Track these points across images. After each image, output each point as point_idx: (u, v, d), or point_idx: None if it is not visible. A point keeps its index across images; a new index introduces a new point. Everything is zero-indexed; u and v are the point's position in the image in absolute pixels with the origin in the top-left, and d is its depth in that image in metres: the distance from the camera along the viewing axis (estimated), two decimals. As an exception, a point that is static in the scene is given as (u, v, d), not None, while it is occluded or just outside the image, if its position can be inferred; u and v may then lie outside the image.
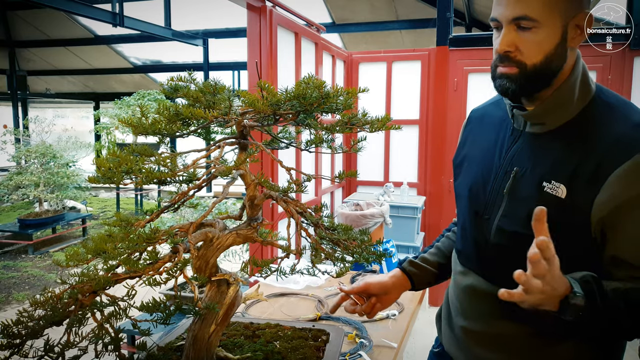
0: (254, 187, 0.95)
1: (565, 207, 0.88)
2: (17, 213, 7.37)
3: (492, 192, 1.00)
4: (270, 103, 0.87)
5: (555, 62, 0.89)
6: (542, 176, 0.92)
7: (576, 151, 0.89)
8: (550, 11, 0.87)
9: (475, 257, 1.05)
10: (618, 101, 0.94)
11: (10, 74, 9.74)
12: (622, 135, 0.86)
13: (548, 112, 0.93)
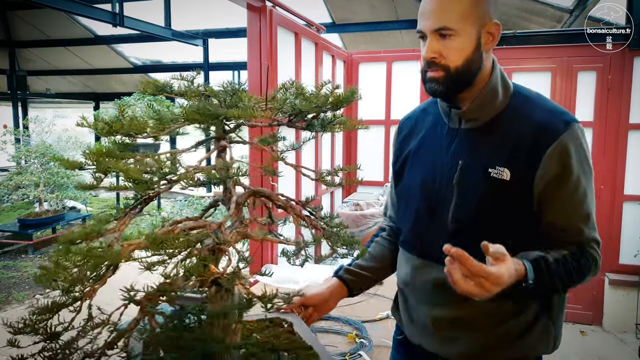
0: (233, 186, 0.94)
1: (511, 188, 1.03)
2: (17, 213, 7.37)
3: (442, 186, 1.11)
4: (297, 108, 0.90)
5: (474, 64, 1.04)
6: (485, 164, 1.05)
7: (509, 138, 1.05)
8: (464, 22, 1.01)
9: (436, 249, 1.08)
10: (531, 93, 1.11)
11: (10, 74, 9.73)
12: (543, 120, 1.04)
13: (480, 108, 1.07)
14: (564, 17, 4.96)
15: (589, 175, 1.07)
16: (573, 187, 1.03)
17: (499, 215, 1.05)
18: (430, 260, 1.14)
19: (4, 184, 6.04)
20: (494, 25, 1.04)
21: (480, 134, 1.08)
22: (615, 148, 3.68)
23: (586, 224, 1.06)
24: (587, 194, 1.06)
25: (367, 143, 4.42)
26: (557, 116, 1.04)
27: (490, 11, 1.04)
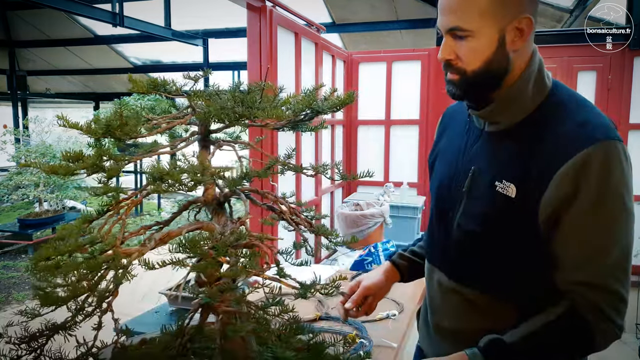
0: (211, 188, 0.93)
1: (515, 207, 0.90)
2: (17, 213, 7.37)
3: (455, 190, 1.03)
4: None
5: (495, 66, 0.91)
6: (494, 175, 0.94)
7: (528, 150, 0.91)
8: (482, 21, 0.89)
9: (439, 255, 1.09)
10: (570, 98, 0.95)
11: (10, 74, 9.72)
12: (567, 134, 0.87)
13: (499, 110, 0.95)
14: (564, 17, 4.96)
15: (618, 209, 0.86)
16: (583, 214, 0.86)
17: (502, 233, 0.95)
18: (434, 265, 1.12)
19: (4, 184, 6.04)
20: (524, 20, 0.89)
21: (501, 140, 0.96)
22: (615, 148, 3.69)
23: (595, 267, 0.86)
24: (608, 231, 0.86)
25: (367, 143, 4.42)
26: (586, 130, 0.86)
27: (521, 3, 0.89)
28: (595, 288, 0.87)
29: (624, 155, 0.86)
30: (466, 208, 1.00)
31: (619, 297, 0.87)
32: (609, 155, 0.84)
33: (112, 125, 0.77)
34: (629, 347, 3.45)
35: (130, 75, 0.92)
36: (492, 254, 0.97)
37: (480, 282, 1.00)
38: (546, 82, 0.96)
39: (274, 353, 0.83)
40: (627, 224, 0.87)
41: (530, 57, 0.95)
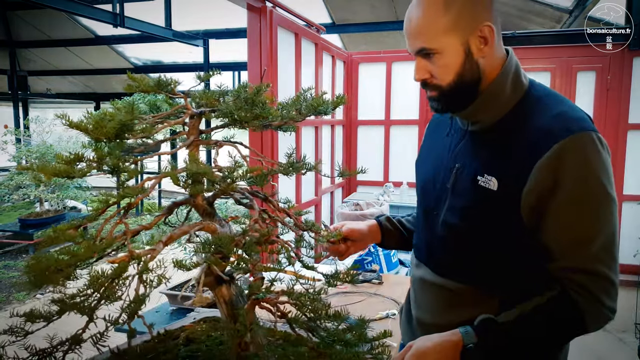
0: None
1: (497, 199, 0.93)
2: (18, 213, 7.38)
3: (440, 188, 1.07)
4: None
5: (468, 76, 0.96)
6: (476, 170, 0.98)
7: (508, 145, 0.95)
8: (445, 38, 0.94)
9: (425, 250, 1.12)
10: (546, 94, 0.99)
11: (11, 74, 9.73)
12: (543, 127, 0.91)
13: (479, 110, 0.99)
14: (564, 18, 4.96)
15: (598, 196, 0.89)
16: (565, 204, 0.89)
17: (486, 226, 0.97)
18: (420, 261, 1.15)
19: (5, 184, 6.05)
20: (485, 28, 0.94)
21: (483, 138, 1.01)
22: (614, 148, 3.69)
23: (581, 253, 0.90)
24: (591, 218, 0.89)
25: (367, 143, 4.43)
26: (561, 122, 0.90)
27: (478, 14, 0.94)
28: (582, 272, 0.90)
29: (600, 145, 0.89)
30: (451, 204, 1.03)
31: (607, 279, 0.90)
32: (585, 146, 0.88)
33: (126, 124, 0.77)
34: (629, 347, 3.45)
35: (130, 74, 0.93)
36: (477, 247, 1.00)
37: (465, 275, 1.02)
38: (523, 81, 1.00)
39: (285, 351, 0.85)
40: (609, 209, 0.90)
41: (505, 59, 1.00)
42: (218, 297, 0.97)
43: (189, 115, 0.95)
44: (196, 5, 7.43)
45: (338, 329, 0.90)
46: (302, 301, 0.88)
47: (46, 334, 0.77)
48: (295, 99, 1.01)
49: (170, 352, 1.00)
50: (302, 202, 3.28)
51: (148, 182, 0.85)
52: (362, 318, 0.96)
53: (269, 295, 0.88)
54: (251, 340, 0.89)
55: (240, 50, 8.30)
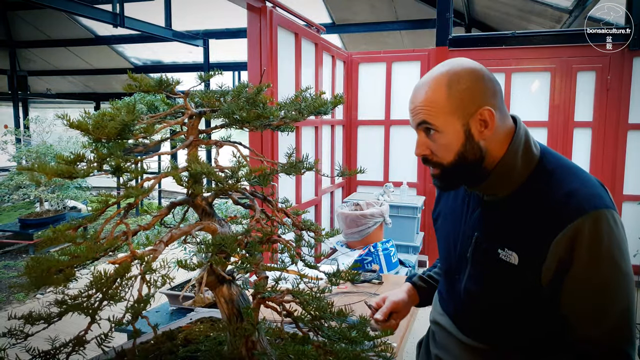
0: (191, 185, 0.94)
1: (519, 273, 0.95)
2: (18, 213, 7.38)
3: (459, 255, 1.09)
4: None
5: (470, 156, 0.98)
6: (496, 243, 0.99)
7: (523, 219, 0.97)
8: (445, 118, 0.96)
9: (450, 307, 1.16)
10: (558, 165, 1.00)
11: (11, 74, 9.73)
12: (557, 205, 0.93)
13: (492, 185, 1.01)
14: (564, 18, 4.96)
15: (612, 272, 0.91)
16: (579, 281, 0.91)
17: (509, 298, 0.99)
18: (445, 312, 1.18)
19: (5, 184, 6.05)
20: (485, 112, 0.96)
21: (498, 208, 1.02)
22: (614, 148, 3.69)
23: (595, 329, 0.91)
24: (604, 293, 0.91)
25: (367, 143, 4.43)
26: (575, 201, 0.91)
27: (479, 98, 0.96)
28: (598, 345, 0.91)
29: (613, 222, 0.92)
30: (472, 273, 1.05)
31: (624, 354, 0.91)
32: (597, 225, 0.90)
33: (127, 124, 0.77)
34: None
35: (130, 73, 0.93)
36: (499, 313, 1.02)
37: (487, 337, 1.05)
38: (534, 152, 1.01)
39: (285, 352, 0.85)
40: (624, 285, 0.92)
41: (513, 133, 1.01)
42: (218, 297, 0.97)
43: (189, 115, 0.95)
44: (196, 5, 7.44)
45: (342, 327, 0.90)
46: (307, 299, 0.88)
47: (48, 335, 0.77)
48: (294, 98, 1.01)
49: (169, 353, 1.00)
50: (302, 202, 3.28)
51: (147, 182, 0.85)
52: (364, 317, 0.97)
53: (274, 294, 0.88)
54: (257, 339, 0.89)
55: (240, 50, 8.30)
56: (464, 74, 0.97)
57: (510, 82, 3.89)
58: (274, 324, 1.14)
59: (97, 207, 0.81)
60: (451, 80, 0.97)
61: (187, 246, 2.13)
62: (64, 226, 0.79)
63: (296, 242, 1.01)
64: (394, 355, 0.93)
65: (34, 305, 4.68)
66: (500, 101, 0.99)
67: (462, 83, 0.96)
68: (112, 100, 1.16)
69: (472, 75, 0.97)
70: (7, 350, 0.71)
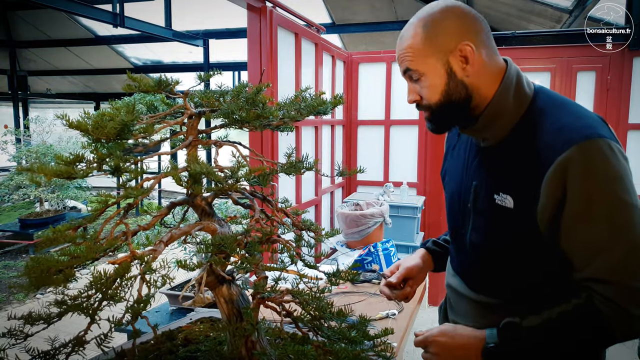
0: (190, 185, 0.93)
1: (515, 217, 0.94)
2: (18, 213, 7.38)
3: (463, 207, 1.09)
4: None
5: (455, 95, 0.98)
6: (492, 189, 0.99)
7: (516, 161, 0.95)
8: (424, 60, 0.97)
9: (458, 264, 1.16)
10: (550, 103, 0.97)
11: (11, 74, 9.73)
12: (547, 141, 0.90)
13: (484, 128, 1.00)
14: (564, 18, 4.96)
15: (611, 204, 0.86)
16: (576, 216, 0.87)
17: (511, 244, 0.98)
18: (455, 272, 1.18)
19: (5, 184, 6.05)
20: (466, 48, 0.95)
21: (494, 154, 1.01)
22: (614, 148, 3.69)
23: (600, 263, 0.87)
24: (604, 227, 0.86)
25: (367, 143, 4.43)
26: (564, 134, 0.88)
27: (456, 35, 0.95)
28: (605, 282, 0.87)
29: (609, 151, 0.86)
30: (474, 223, 1.04)
31: (632, 288, 0.86)
32: (589, 154, 0.85)
33: (127, 124, 0.77)
34: (628, 347, 3.46)
35: (130, 74, 0.93)
36: (504, 264, 1.01)
37: (496, 290, 1.04)
38: (526, 91, 0.99)
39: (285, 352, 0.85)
40: (629, 217, 0.86)
41: (504, 72, 0.99)
42: (218, 297, 0.97)
43: (188, 115, 0.95)
44: (196, 5, 7.44)
45: (342, 327, 0.90)
46: (307, 299, 0.88)
47: (48, 335, 0.77)
48: (294, 98, 1.01)
49: (169, 353, 1.00)
50: (302, 202, 3.28)
51: (147, 182, 0.85)
52: (364, 317, 0.97)
53: (274, 294, 0.89)
54: (257, 339, 0.89)
55: (240, 50, 8.30)
56: (439, 12, 0.97)
57: (510, 82, 3.90)
58: (274, 324, 1.14)
59: (96, 207, 0.81)
60: (426, 21, 0.97)
61: (187, 246, 2.13)
62: (63, 226, 0.78)
63: (296, 242, 1.01)
64: (393, 355, 0.93)
65: (34, 305, 4.68)
66: (486, 38, 0.98)
67: (437, 22, 0.96)
68: (111, 100, 1.16)
69: (447, 12, 0.97)
70: (7, 350, 0.71)
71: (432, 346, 1.01)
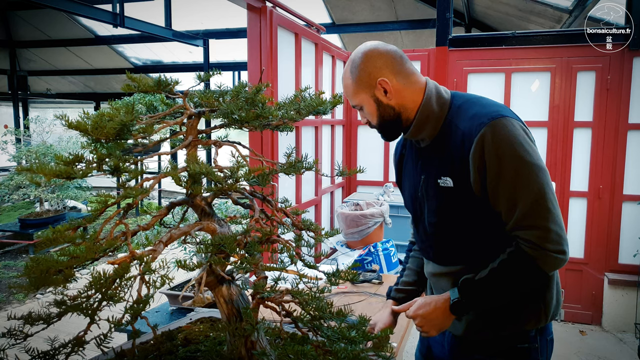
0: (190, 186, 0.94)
1: (457, 193, 1.19)
2: (18, 213, 7.38)
3: (419, 197, 1.33)
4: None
5: (387, 116, 1.25)
6: (435, 176, 1.24)
7: (447, 150, 1.20)
8: (357, 97, 1.26)
9: (426, 249, 1.38)
10: (463, 101, 1.24)
11: (11, 74, 9.74)
12: (465, 129, 1.16)
13: (418, 131, 1.26)
14: (564, 18, 4.96)
15: (517, 165, 1.10)
16: (495, 177, 1.11)
17: (460, 216, 1.22)
18: (427, 258, 1.40)
19: (5, 184, 6.05)
20: (382, 82, 1.21)
21: (432, 150, 1.26)
22: (614, 148, 3.68)
23: (517, 213, 1.11)
24: (516, 184, 1.10)
25: (367, 143, 4.43)
26: (476, 120, 1.15)
27: (372, 75, 1.21)
28: (522, 228, 1.12)
29: (511, 125, 1.12)
30: (429, 207, 1.29)
31: (544, 228, 1.10)
32: (496, 129, 1.11)
33: (126, 124, 0.77)
34: (629, 347, 3.46)
35: (129, 74, 0.93)
36: (459, 234, 1.24)
37: (459, 258, 1.27)
38: (444, 97, 1.26)
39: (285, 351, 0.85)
40: (532, 172, 1.10)
41: (424, 88, 1.25)
42: (218, 297, 0.97)
43: (188, 115, 0.95)
44: (196, 5, 7.44)
45: (342, 327, 0.91)
46: (306, 299, 0.88)
47: (47, 335, 0.77)
48: (293, 98, 1.01)
49: (168, 353, 1.00)
50: (302, 202, 3.28)
51: (147, 182, 0.85)
52: (363, 317, 0.98)
53: (273, 294, 0.88)
54: (257, 339, 0.89)
55: (240, 50, 8.30)
56: (358, 59, 1.23)
57: (510, 82, 3.89)
58: (274, 324, 1.14)
59: (96, 207, 0.81)
60: (352, 67, 1.25)
61: (186, 246, 2.13)
62: (63, 226, 0.78)
63: (296, 242, 1.01)
64: (393, 355, 0.93)
65: (34, 305, 4.68)
66: (400, 67, 1.23)
67: (358, 67, 1.23)
68: (111, 100, 1.16)
69: (365, 57, 1.23)
70: (6, 350, 0.71)
71: (416, 319, 1.26)
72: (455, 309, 1.20)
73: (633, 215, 3.70)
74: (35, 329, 0.73)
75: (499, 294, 1.18)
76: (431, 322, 1.24)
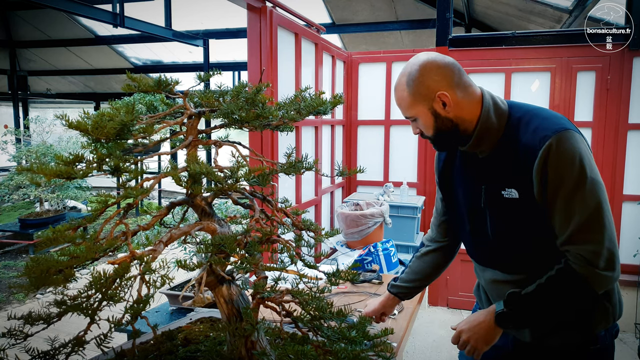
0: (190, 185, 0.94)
1: (523, 205, 1.20)
2: (17, 213, 7.38)
3: (475, 208, 1.33)
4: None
5: (444, 128, 1.25)
6: (499, 187, 1.24)
7: (510, 162, 1.21)
8: (414, 110, 1.25)
9: (487, 257, 1.38)
10: (523, 113, 1.24)
11: (11, 74, 9.74)
12: (528, 142, 1.18)
13: (479, 143, 1.26)
14: (564, 18, 4.96)
15: (579, 180, 1.11)
16: (555, 191, 1.13)
17: (526, 226, 1.22)
18: (486, 266, 1.40)
19: (5, 184, 6.05)
20: (442, 96, 1.21)
21: (492, 161, 1.26)
22: (614, 148, 3.68)
23: (569, 229, 1.12)
24: (574, 199, 1.11)
25: (367, 143, 4.43)
26: (539, 134, 1.16)
27: (433, 86, 1.21)
28: (576, 243, 1.12)
29: (573, 139, 1.13)
30: (492, 218, 1.28)
31: (597, 245, 1.10)
32: (560, 142, 1.12)
33: (126, 124, 0.77)
34: (629, 347, 3.46)
35: (129, 74, 0.93)
36: (526, 243, 1.24)
37: (524, 267, 1.27)
38: (502, 108, 1.26)
39: (285, 352, 0.85)
40: (592, 189, 1.11)
41: (481, 99, 1.25)
42: (218, 297, 0.97)
43: (188, 115, 0.95)
44: (196, 5, 7.44)
45: (342, 327, 0.91)
46: (306, 299, 0.88)
47: (47, 335, 0.77)
48: (294, 98, 1.02)
49: (168, 353, 1.00)
50: (302, 202, 3.28)
51: (147, 182, 0.85)
52: (363, 317, 0.98)
53: (273, 294, 0.89)
54: (257, 339, 0.89)
55: (240, 50, 8.30)
56: (416, 71, 1.22)
57: (510, 82, 3.89)
58: (274, 324, 1.14)
59: (96, 207, 0.81)
60: (409, 79, 1.23)
61: (186, 246, 2.13)
62: (63, 226, 0.78)
63: (296, 242, 1.01)
64: (393, 355, 0.93)
65: (34, 305, 4.68)
66: (459, 79, 1.23)
67: (416, 79, 1.22)
68: (111, 100, 1.16)
69: (423, 70, 1.22)
70: (7, 350, 0.71)
71: (463, 334, 1.27)
72: (499, 320, 1.22)
73: (633, 215, 3.70)
74: (36, 329, 0.73)
75: (544, 310, 1.18)
76: (476, 334, 1.25)
